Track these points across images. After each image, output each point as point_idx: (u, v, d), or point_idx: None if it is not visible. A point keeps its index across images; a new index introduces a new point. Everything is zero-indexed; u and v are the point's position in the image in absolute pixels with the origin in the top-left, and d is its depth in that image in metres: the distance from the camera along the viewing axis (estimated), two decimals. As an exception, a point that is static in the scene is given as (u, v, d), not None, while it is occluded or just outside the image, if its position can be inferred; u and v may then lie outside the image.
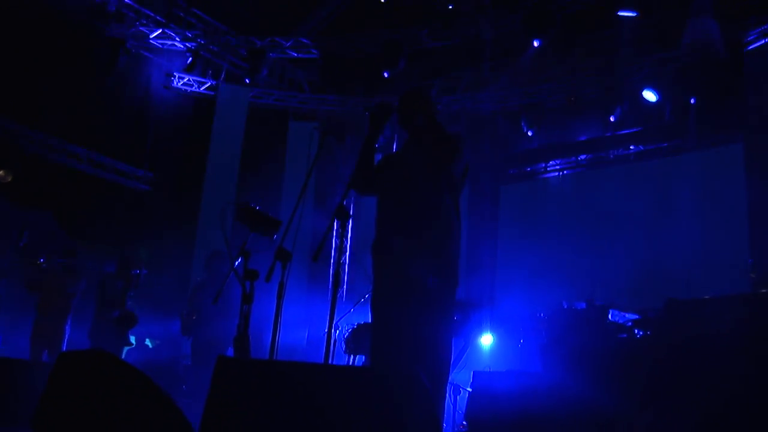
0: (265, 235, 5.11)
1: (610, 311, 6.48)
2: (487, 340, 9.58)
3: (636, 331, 6.33)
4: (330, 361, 3.86)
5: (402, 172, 4.22)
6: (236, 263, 4.85)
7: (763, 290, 5.24)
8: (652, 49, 11.22)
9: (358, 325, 8.36)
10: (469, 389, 7.05)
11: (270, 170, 13.14)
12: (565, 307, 7.08)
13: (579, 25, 11.88)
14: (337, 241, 11.80)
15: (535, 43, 11.11)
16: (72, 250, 8.97)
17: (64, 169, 11.81)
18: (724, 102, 10.61)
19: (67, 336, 8.62)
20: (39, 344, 8.52)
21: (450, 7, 11.40)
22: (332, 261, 12.22)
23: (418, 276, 3.90)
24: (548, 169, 13.05)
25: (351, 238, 13.85)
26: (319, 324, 11.07)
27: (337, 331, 9.21)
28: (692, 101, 10.65)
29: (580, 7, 11.17)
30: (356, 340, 8.19)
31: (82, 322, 8.80)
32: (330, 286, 11.37)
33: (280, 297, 4.39)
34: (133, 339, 11.79)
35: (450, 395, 7.45)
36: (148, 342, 12.12)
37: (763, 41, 10.07)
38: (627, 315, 6.62)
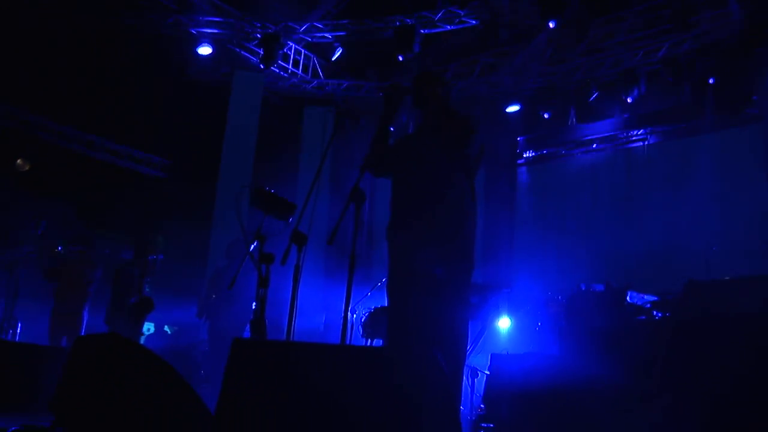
0: (280, 218, 5.10)
1: (629, 293, 6.43)
2: (504, 323, 9.53)
3: (655, 312, 6.28)
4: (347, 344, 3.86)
5: (416, 153, 4.20)
6: (252, 247, 4.84)
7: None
8: (670, 29, 11.08)
9: (375, 308, 8.37)
10: (487, 372, 7.04)
11: (286, 155, 13.15)
12: (583, 289, 7.03)
13: (595, 6, 11.77)
14: (357, 224, 11.78)
15: (551, 25, 11.00)
16: (89, 237, 9.02)
17: (81, 157, 11.87)
18: (743, 81, 10.49)
19: (85, 323, 8.68)
20: (57, 331, 8.58)
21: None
22: (349, 244, 12.17)
23: (425, 268, 3.89)
24: (565, 151, 12.96)
25: (368, 221, 13.86)
26: (336, 308, 11.08)
27: (354, 315, 9.23)
28: (711, 81, 10.54)
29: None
30: (373, 324, 8.20)
31: (100, 309, 8.86)
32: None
33: (296, 280, 4.38)
34: (152, 326, 11.89)
35: (468, 378, 7.44)
36: (167, 328, 12.20)
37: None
38: (646, 297, 6.57)
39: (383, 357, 2.70)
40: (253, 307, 4.74)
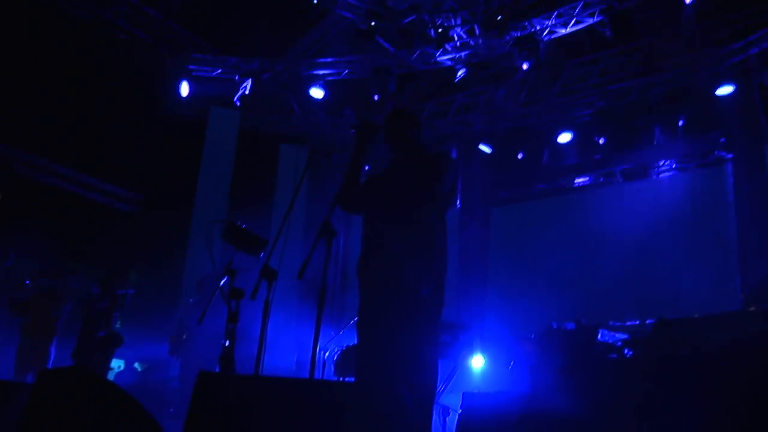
0: (251, 253, 5.09)
1: (600, 331, 6.45)
2: (478, 362, 9.50)
3: (626, 350, 6.29)
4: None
5: (388, 190, 4.20)
6: (222, 282, 4.81)
7: (752, 308, 5.23)
8: (640, 72, 11.30)
9: (347, 347, 8.32)
10: (459, 410, 6.99)
11: (261, 192, 13.13)
12: (555, 327, 7.04)
13: (568, 49, 11.98)
14: (327, 260, 11.75)
15: (525, 66, 11.17)
16: (58, 271, 8.87)
17: (53, 190, 11.77)
18: (711, 124, 10.72)
19: (52, 358, 8.49)
20: (24, 367, 8.35)
21: (440, 30, 11.44)
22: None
23: (395, 305, 3.86)
24: (538, 190, 13.06)
25: (342, 260, 13.83)
26: (308, 346, 10.98)
27: (326, 354, 9.17)
28: (680, 123, 10.73)
29: (569, 30, 11.25)
30: (345, 362, 8.15)
31: (68, 345, 8.68)
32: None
33: (265, 315, 4.36)
34: (122, 363, 11.72)
35: (440, 417, 7.39)
36: (137, 365, 12.03)
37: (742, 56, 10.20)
38: (617, 335, 6.59)
39: (349, 392, 2.68)
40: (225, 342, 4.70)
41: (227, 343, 4.66)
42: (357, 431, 2.47)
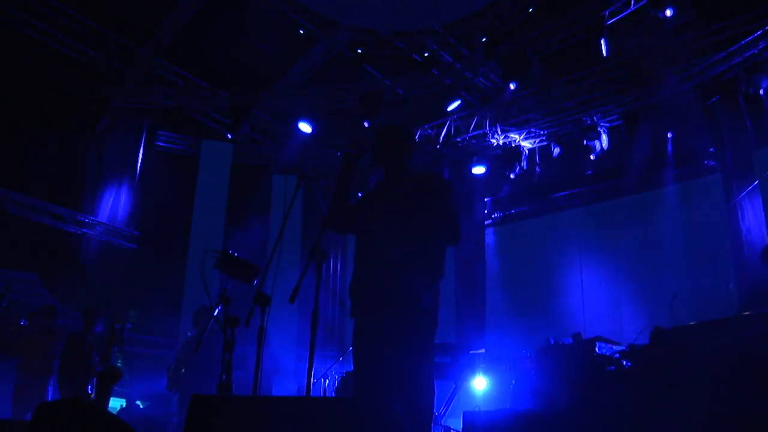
0: (244, 281, 5.10)
1: (597, 344, 6.44)
2: (480, 383, 9.48)
3: (624, 362, 6.29)
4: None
5: (380, 210, 4.17)
6: (216, 311, 4.82)
7: (746, 312, 5.25)
8: (628, 87, 11.42)
9: (347, 373, 8.31)
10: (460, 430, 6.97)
11: (255, 224, 13.17)
12: (552, 343, 7.05)
13: (555, 68, 12.10)
14: (325, 282, 11.80)
15: (512, 86, 11.27)
16: (53, 309, 8.84)
17: (48, 229, 11.80)
18: (700, 135, 10.80)
19: (49, 397, 8.43)
20: (21, 407, 8.28)
21: (426, 54, 11.56)
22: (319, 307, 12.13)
23: (389, 324, 3.84)
24: (531, 209, 13.10)
25: (340, 287, 13.89)
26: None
27: (327, 381, 9.16)
28: (669, 135, 10.81)
29: (555, 48, 11.38)
30: (345, 389, 8.13)
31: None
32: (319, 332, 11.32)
33: (260, 341, 4.37)
34: (123, 401, 11.67)
35: (442, 439, 7.37)
36: (139, 403, 11.97)
37: (725, 66, 10.31)
38: (614, 347, 6.58)
39: (344, 408, 2.69)
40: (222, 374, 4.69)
41: (223, 372, 4.67)
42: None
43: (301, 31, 11.61)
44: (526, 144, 12.82)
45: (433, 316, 3.98)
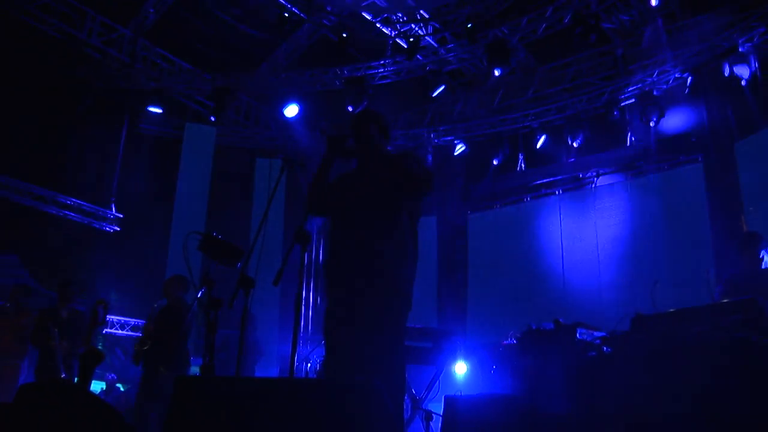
0: (227, 265, 5.09)
1: (578, 330, 6.48)
2: (461, 368, 9.54)
3: (604, 348, 6.34)
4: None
5: (354, 191, 4.19)
6: (199, 293, 4.81)
7: (725, 300, 5.31)
8: (612, 75, 11.46)
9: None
10: (440, 414, 7.01)
11: (238, 207, 13.14)
12: (534, 328, 7.08)
13: (539, 54, 12.13)
14: (302, 265, 11.77)
15: (497, 72, 11.28)
16: (27, 288, 8.70)
17: (30, 211, 11.70)
18: (683, 125, 10.88)
19: (22, 377, 8.24)
20: None
21: (411, 39, 11.54)
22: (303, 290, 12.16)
23: (363, 303, 3.86)
24: (514, 196, 13.14)
25: (321, 269, 13.89)
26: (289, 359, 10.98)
27: (309, 365, 9.19)
28: (652, 124, 10.87)
29: (540, 35, 11.39)
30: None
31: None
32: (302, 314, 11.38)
33: (243, 323, 4.38)
34: (103, 384, 11.66)
35: (423, 422, 7.40)
36: (119, 386, 11.98)
37: (709, 56, 10.38)
38: (595, 333, 6.63)
39: (325, 388, 2.71)
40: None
41: (206, 354, 4.67)
42: (333, 425, 2.50)
43: (286, 15, 11.53)
44: (509, 130, 12.86)
45: (408, 299, 4.03)
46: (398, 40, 11.99)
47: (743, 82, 9.96)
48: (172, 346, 7.55)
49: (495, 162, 12.91)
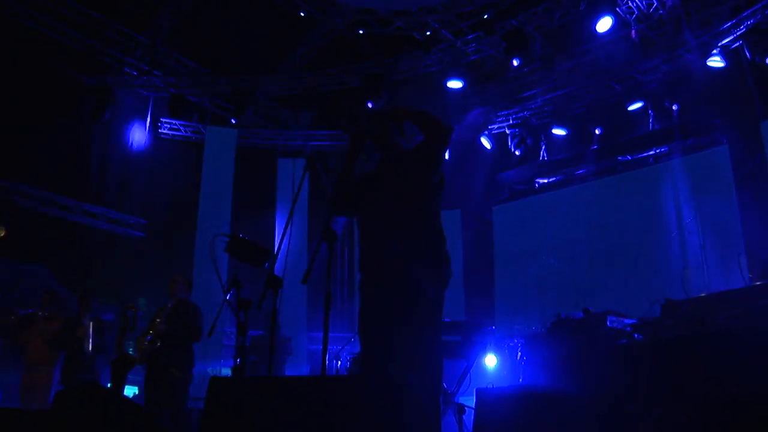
0: (255, 264, 5.11)
1: (608, 318, 6.45)
2: (491, 361, 9.53)
3: (635, 335, 6.30)
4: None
5: (382, 187, 4.15)
6: (228, 295, 4.83)
7: (758, 283, 5.25)
8: (632, 61, 11.36)
9: (358, 353, 8.33)
10: (473, 407, 6.99)
11: (262, 207, 13.19)
12: (563, 317, 7.04)
13: (558, 43, 12.04)
14: (333, 264, 11.81)
15: (515, 62, 11.22)
16: (55, 295, 8.77)
17: (57, 220, 11.84)
18: (706, 107, 10.74)
19: (55, 383, 8.27)
20: (28, 395, 8.24)
21: (428, 33, 11.51)
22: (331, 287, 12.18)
23: (418, 284, 3.84)
24: (537, 185, 13.07)
25: (348, 266, 13.93)
26: (320, 358, 11.00)
27: (339, 363, 9.20)
28: (675, 108, 10.76)
29: (557, 24, 11.31)
30: (357, 368, 8.16)
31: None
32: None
33: (273, 323, 4.38)
34: (136, 389, 11.73)
35: (455, 416, 7.39)
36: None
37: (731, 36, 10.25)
38: (626, 320, 6.59)
39: (357, 385, 2.71)
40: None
41: (238, 356, 4.70)
42: (369, 422, 2.49)
43: (302, 14, 11.55)
44: (531, 120, 12.80)
45: (439, 302, 3.99)
46: (414, 35, 11.95)
47: (767, 60, 9.82)
48: (184, 347, 7.61)
49: (517, 153, 12.85)
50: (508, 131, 12.99)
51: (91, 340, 8.07)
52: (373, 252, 4.05)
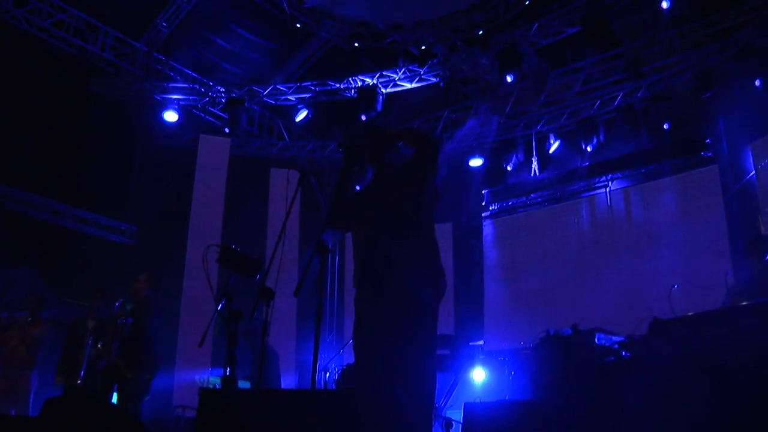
0: (247, 275, 5.13)
1: (596, 335, 6.49)
2: (479, 375, 9.55)
3: (623, 353, 6.34)
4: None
5: (377, 201, 4.17)
6: (219, 305, 4.84)
7: (743, 302, 5.30)
8: (624, 78, 11.45)
9: (347, 365, 8.36)
10: (461, 421, 7.01)
11: (254, 218, 13.17)
12: (552, 333, 7.08)
13: (551, 59, 12.13)
14: (326, 277, 11.83)
15: (509, 78, 11.29)
16: (40, 298, 8.71)
17: (48, 225, 11.82)
18: (696, 126, 10.85)
19: (33, 389, 8.25)
20: (4, 399, 8.07)
21: (423, 47, 11.56)
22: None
23: (414, 288, 3.84)
24: (529, 201, 13.11)
25: (337, 280, 13.93)
26: (308, 369, 11.03)
27: (327, 374, 9.22)
28: (665, 126, 10.85)
29: (552, 40, 11.40)
30: (345, 381, 8.18)
31: (48, 375, 8.46)
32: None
33: (264, 334, 4.40)
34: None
35: (442, 430, 7.42)
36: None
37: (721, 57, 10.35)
38: (613, 338, 6.63)
39: (348, 399, 2.73)
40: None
41: (227, 366, 4.71)
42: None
43: (298, 25, 11.59)
44: (522, 136, 12.87)
45: (434, 310, 4.00)
46: (410, 48, 11.99)
47: (757, 82, 9.92)
48: (138, 350, 7.61)
49: (509, 167, 12.91)
50: (499, 146, 13.06)
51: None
52: (368, 266, 4.05)
